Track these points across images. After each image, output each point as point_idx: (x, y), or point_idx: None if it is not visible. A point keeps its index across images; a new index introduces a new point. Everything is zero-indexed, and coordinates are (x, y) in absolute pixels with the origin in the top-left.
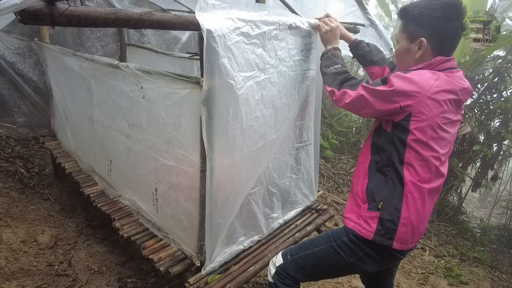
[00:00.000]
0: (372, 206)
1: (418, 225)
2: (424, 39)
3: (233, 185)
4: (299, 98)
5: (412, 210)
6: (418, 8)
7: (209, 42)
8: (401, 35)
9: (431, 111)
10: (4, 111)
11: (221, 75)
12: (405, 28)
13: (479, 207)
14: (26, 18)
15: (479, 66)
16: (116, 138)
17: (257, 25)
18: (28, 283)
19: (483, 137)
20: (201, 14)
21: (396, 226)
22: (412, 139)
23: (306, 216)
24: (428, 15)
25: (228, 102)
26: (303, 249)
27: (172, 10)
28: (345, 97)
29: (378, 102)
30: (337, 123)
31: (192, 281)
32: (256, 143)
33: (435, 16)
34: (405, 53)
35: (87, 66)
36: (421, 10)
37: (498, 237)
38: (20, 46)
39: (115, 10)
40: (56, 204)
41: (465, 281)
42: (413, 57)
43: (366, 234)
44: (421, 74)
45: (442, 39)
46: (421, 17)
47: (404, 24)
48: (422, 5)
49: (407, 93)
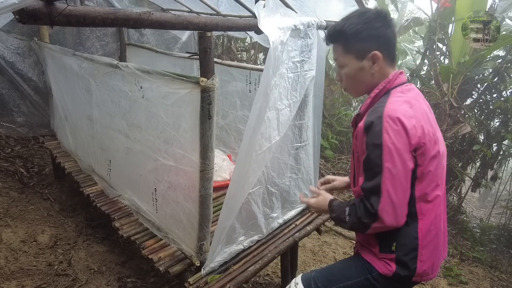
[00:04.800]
0: (384, 248)
1: (437, 254)
2: (377, 52)
3: (241, 189)
4: (298, 99)
5: (430, 251)
6: (353, 26)
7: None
8: (345, 58)
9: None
10: (3, 110)
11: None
12: (347, 49)
13: (479, 207)
14: (25, 17)
15: (479, 66)
16: (116, 138)
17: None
18: (28, 283)
19: (482, 137)
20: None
21: (415, 264)
22: (419, 174)
23: (306, 216)
24: (369, 29)
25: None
26: (332, 282)
27: (172, 10)
28: (388, 212)
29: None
30: (337, 123)
31: (192, 281)
32: (263, 146)
33: (376, 27)
34: (358, 73)
35: (87, 66)
36: (357, 27)
37: (498, 237)
38: (19, 46)
39: (114, 10)
40: (55, 203)
41: (465, 281)
42: (369, 74)
43: (386, 272)
44: (393, 105)
45: (389, 46)
46: (362, 33)
47: (344, 46)
48: (355, 22)
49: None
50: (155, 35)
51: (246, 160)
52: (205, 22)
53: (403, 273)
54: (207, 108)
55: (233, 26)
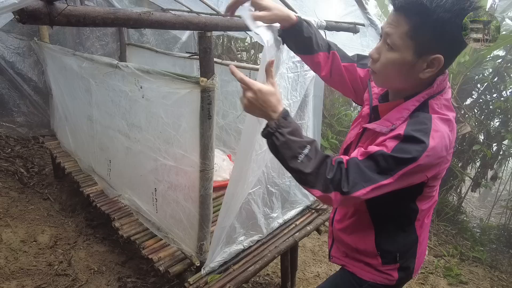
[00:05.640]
0: (388, 260)
1: (425, 245)
2: (441, 57)
3: (241, 188)
4: (298, 99)
5: (423, 247)
6: (445, 11)
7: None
8: (403, 41)
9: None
10: (3, 110)
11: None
12: (414, 33)
13: (479, 207)
14: (25, 17)
15: (478, 66)
16: (115, 138)
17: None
18: (28, 282)
19: (482, 137)
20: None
21: (414, 263)
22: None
23: (306, 215)
24: (457, 26)
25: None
26: None
27: (172, 9)
28: (351, 201)
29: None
30: (337, 123)
31: (192, 281)
32: (263, 145)
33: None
34: (404, 68)
35: (87, 66)
36: (448, 16)
37: (498, 237)
38: (19, 46)
39: (114, 10)
40: (55, 203)
41: (465, 281)
42: (415, 76)
43: (386, 283)
44: (440, 133)
45: (456, 54)
46: (445, 27)
47: (413, 27)
48: (450, 8)
49: (435, 167)
50: (155, 35)
51: (246, 159)
52: (205, 22)
53: (404, 278)
54: (207, 108)
55: (233, 26)
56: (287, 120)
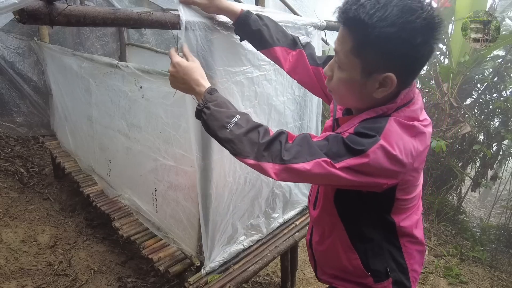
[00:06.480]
0: (380, 278)
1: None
2: (393, 76)
3: (227, 182)
4: (296, 97)
5: (414, 257)
6: (385, 25)
7: (188, 34)
8: (348, 59)
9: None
10: (3, 110)
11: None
12: (357, 51)
13: (479, 207)
14: (25, 17)
15: (478, 66)
16: (115, 138)
17: None
18: (28, 282)
19: (482, 137)
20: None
21: (409, 285)
22: (397, 204)
23: (306, 215)
24: (404, 41)
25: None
26: None
27: (172, 9)
28: (291, 173)
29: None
30: None
31: (192, 281)
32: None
33: (414, 44)
34: (355, 88)
35: (87, 66)
36: (392, 31)
37: (498, 237)
38: (19, 46)
39: (114, 10)
40: (55, 203)
41: (465, 281)
42: (368, 95)
43: None
44: (398, 134)
45: (415, 70)
46: (391, 43)
47: (355, 43)
48: (393, 22)
49: (390, 172)
50: (155, 35)
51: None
52: None
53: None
54: None
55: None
56: (213, 95)
